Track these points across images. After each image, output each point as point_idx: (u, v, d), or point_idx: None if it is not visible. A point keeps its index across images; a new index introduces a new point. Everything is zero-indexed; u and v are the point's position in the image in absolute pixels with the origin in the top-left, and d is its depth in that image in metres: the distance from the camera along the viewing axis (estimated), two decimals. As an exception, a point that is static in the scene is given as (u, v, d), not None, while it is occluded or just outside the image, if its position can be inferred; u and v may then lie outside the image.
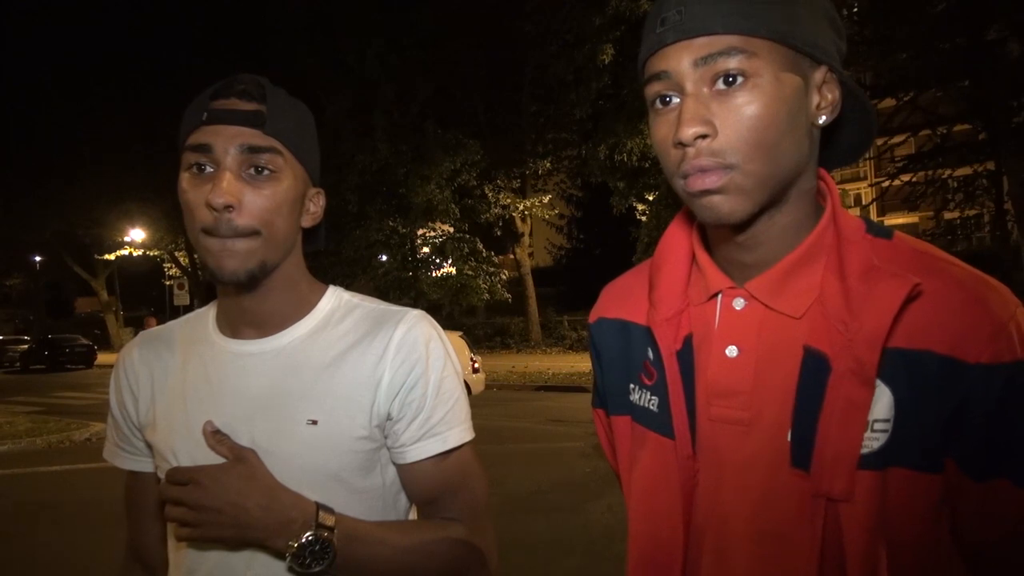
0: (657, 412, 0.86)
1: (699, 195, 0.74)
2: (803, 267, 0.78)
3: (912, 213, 29.77)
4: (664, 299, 0.86)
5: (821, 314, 0.76)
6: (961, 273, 0.74)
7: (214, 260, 0.93)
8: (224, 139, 0.93)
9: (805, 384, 0.75)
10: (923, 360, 0.71)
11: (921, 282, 0.71)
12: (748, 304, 0.81)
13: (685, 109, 0.73)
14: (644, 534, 0.87)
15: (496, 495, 5.58)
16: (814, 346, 0.75)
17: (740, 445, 0.79)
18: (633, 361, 0.91)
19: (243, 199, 0.93)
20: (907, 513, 0.72)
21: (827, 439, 0.72)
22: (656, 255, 0.90)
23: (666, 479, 0.84)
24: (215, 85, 0.97)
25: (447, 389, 1.02)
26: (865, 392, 0.71)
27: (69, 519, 5.65)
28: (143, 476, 1.10)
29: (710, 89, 0.73)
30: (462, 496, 1.03)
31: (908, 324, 0.72)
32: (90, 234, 28.73)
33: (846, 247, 0.76)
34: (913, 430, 0.71)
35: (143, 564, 1.12)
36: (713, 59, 0.72)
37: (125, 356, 1.10)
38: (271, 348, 1.02)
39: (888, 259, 0.75)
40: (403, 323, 1.02)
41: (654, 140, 0.78)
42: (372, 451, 1.00)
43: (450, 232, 22.90)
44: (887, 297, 0.71)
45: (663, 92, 0.75)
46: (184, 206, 0.95)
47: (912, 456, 0.71)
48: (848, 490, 0.71)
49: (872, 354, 0.71)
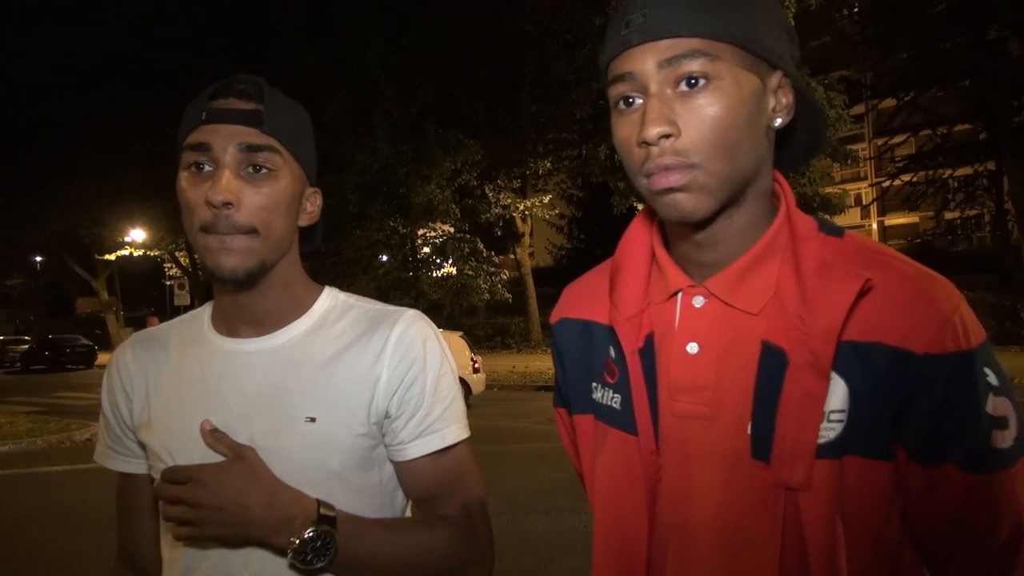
0: (620, 409, 0.88)
1: (663, 193, 0.76)
2: (760, 265, 0.81)
3: (912, 213, 29.80)
4: (625, 298, 0.88)
5: (778, 310, 0.78)
6: (909, 269, 0.77)
7: (213, 258, 0.94)
8: (223, 138, 0.93)
9: (764, 378, 0.77)
10: (875, 352, 0.74)
11: (872, 277, 0.74)
12: (707, 302, 0.83)
13: (650, 109, 0.75)
14: (609, 528, 0.88)
15: (496, 495, 5.59)
16: (772, 341, 0.78)
17: (703, 439, 0.81)
18: (595, 360, 0.93)
19: (242, 197, 0.93)
20: (862, 499, 0.75)
21: (785, 430, 0.75)
22: (616, 255, 0.92)
23: (630, 475, 0.86)
24: (214, 85, 0.98)
25: (444, 387, 1.03)
26: (821, 384, 0.74)
27: (69, 519, 5.65)
28: (135, 478, 1.10)
29: (673, 90, 0.75)
30: (459, 493, 1.04)
31: (860, 318, 0.74)
32: (90, 234, 28.76)
33: (800, 245, 0.79)
34: (867, 419, 0.74)
35: (135, 566, 1.11)
36: (677, 61, 0.74)
37: (118, 357, 1.10)
38: (269, 346, 1.02)
39: (840, 256, 0.78)
40: (400, 322, 1.03)
41: (617, 140, 0.80)
42: (370, 448, 1.00)
43: (450, 232, 22.90)
44: (840, 292, 0.74)
45: (627, 93, 0.77)
46: (183, 205, 0.96)
47: (866, 444, 0.75)
48: (806, 479, 0.74)
49: (827, 347, 0.74)
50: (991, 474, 0.74)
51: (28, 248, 32.38)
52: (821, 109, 0.87)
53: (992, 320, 16.11)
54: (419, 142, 20.85)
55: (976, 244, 29.03)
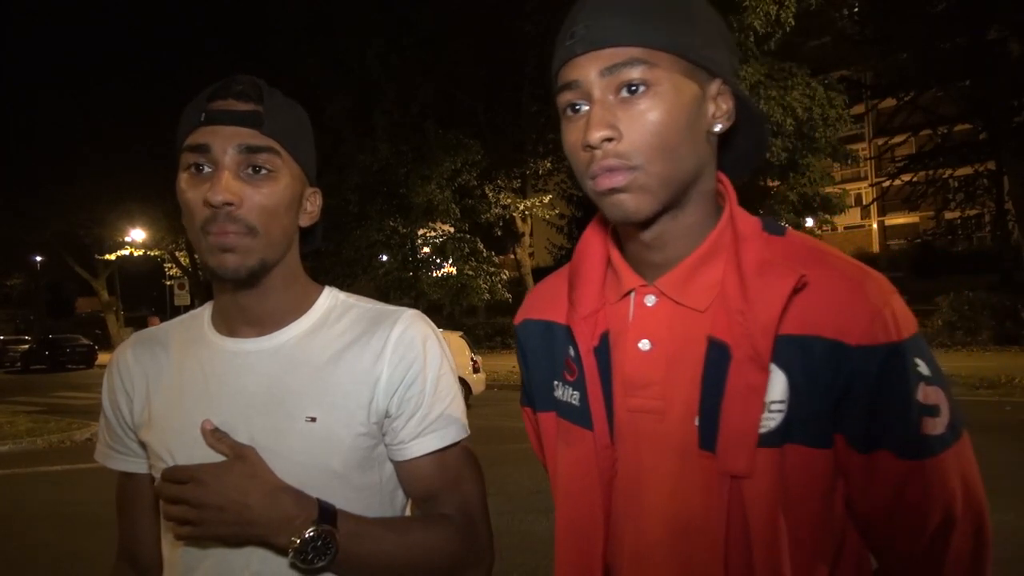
0: (578, 406, 0.92)
1: (607, 193, 0.80)
2: (705, 264, 0.85)
3: (913, 213, 29.80)
4: (582, 299, 0.92)
5: (722, 307, 0.82)
6: (844, 265, 0.82)
7: (214, 258, 0.94)
8: (222, 139, 0.94)
9: (709, 372, 0.82)
10: (812, 345, 0.78)
11: (807, 273, 0.79)
12: (658, 300, 0.87)
13: (593, 115, 0.79)
14: (568, 520, 0.92)
15: (496, 495, 5.57)
16: (716, 336, 0.82)
17: (654, 432, 0.86)
18: (556, 359, 0.96)
19: (242, 197, 0.94)
20: (804, 487, 0.79)
21: (729, 421, 0.79)
22: (574, 258, 0.96)
23: (586, 469, 0.90)
24: (212, 86, 0.98)
25: (444, 386, 1.04)
26: (761, 376, 0.78)
27: (70, 519, 5.65)
28: (136, 477, 1.10)
29: (615, 97, 0.79)
30: (459, 492, 1.04)
31: (798, 313, 0.79)
32: (91, 234, 28.76)
33: (742, 245, 0.83)
34: (806, 409, 0.79)
35: (135, 566, 1.12)
36: (618, 69, 0.78)
37: (119, 356, 1.10)
38: (269, 346, 1.02)
39: (780, 254, 0.82)
40: (400, 322, 1.03)
41: (566, 145, 0.84)
42: (370, 448, 1.01)
43: (450, 232, 22.89)
44: (777, 288, 0.78)
45: (573, 100, 0.82)
46: (183, 205, 0.96)
47: (806, 433, 0.79)
48: (749, 467, 0.78)
49: (766, 341, 0.78)
50: (923, 460, 0.78)
51: (28, 248, 32.39)
52: (763, 115, 0.91)
53: (992, 320, 16.12)
54: (419, 142, 20.85)
55: (976, 244, 29.03)
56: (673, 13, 0.80)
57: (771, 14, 16.10)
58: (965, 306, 16.39)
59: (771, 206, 18.39)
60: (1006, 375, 11.44)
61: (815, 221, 19.94)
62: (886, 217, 37.49)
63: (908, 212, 30.37)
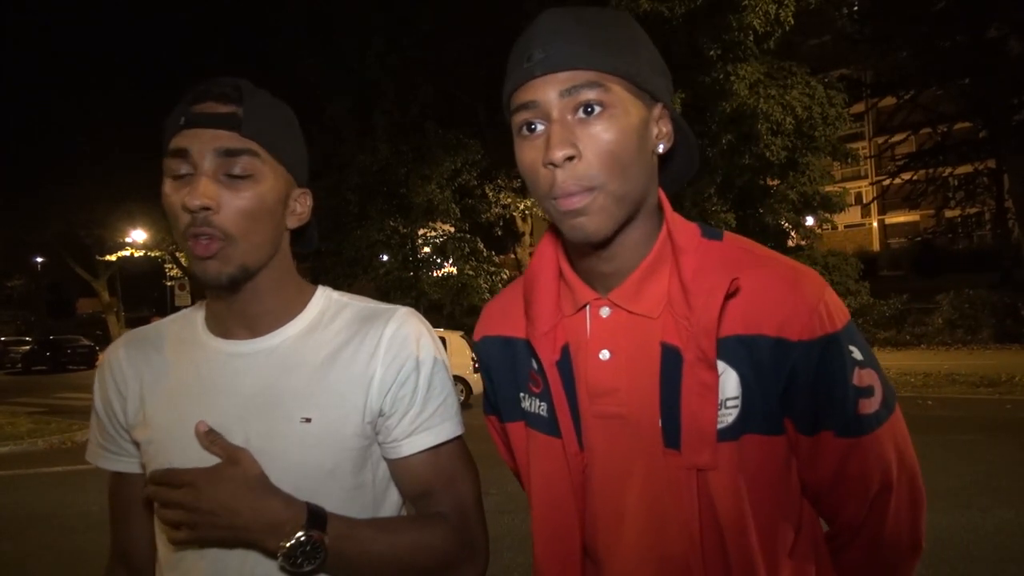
0: (546, 416, 0.96)
1: (570, 215, 0.85)
2: (652, 274, 0.91)
3: (913, 211, 29.77)
4: (539, 315, 0.96)
5: (670, 313, 0.89)
6: (779, 265, 0.89)
7: (197, 264, 0.95)
8: (200, 143, 0.93)
9: (666, 375, 0.88)
10: (757, 343, 0.85)
11: (739, 276, 0.85)
12: (612, 311, 0.93)
13: (554, 133, 0.84)
14: (544, 524, 0.97)
15: (496, 495, 5.57)
16: (668, 341, 0.88)
17: (621, 436, 0.91)
18: (520, 372, 1.01)
19: (220, 201, 0.93)
20: (763, 471, 0.88)
21: (689, 419, 0.86)
22: (527, 273, 1.01)
23: (558, 475, 0.95)
24: (194, 89, 0.97)
25: (438, 384, 1.04)
26: (711, 375, 0.85)
27: (70, 521, 5.65)
28: (128, 477, 1.09)
29: (572, 117, 0.85)
30: (453, 490, 1.04)
31: (742, 314, 0.86)
32: (91, 235, 28.73)
33: (680, 255, 0.90)
34: (758, 402, 0.86)
35: (129, 566, 1.11)
36: (576, 90, 0.84)
37: (111, 356, 1.10)
38: (263, 348, 1.02)
39: (716, 260, 0.89)
40: (393, 320, 1.04)
41: (522, 164, 0.89)
42: (364, 448, 1.01)
43: (451, 232, 22.88)
44: (713, 292, 0.85)
45: (530, 120, 0.86)
46: (168, 211, 0.96)
47: (760, 423, 0.86)
48: (712, 460, 0.85)
49: (709, 342, 0.84)
50: (861, 437, 0.87)
51: (29, 249, 32.37)
52: (694, 139, 0.99)
53: (993, 318, 16.12)
54: (419, 142, 20.84)
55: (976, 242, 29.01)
56: (621, 43, 0.87)
57: (771, 13, 16.08)
58: (965, 304, 16.39)
59: (771, 205, 18.35)
60: (1006, 373, 11.45)
61: (815, 220, 19.89)
62: (886, 215, 37.45)
63: (908, 210, 30.35)
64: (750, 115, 16.44)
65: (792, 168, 17.82)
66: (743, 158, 17.17)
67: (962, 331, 16.27)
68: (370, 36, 20.40)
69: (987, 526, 4.63)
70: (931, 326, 16.55)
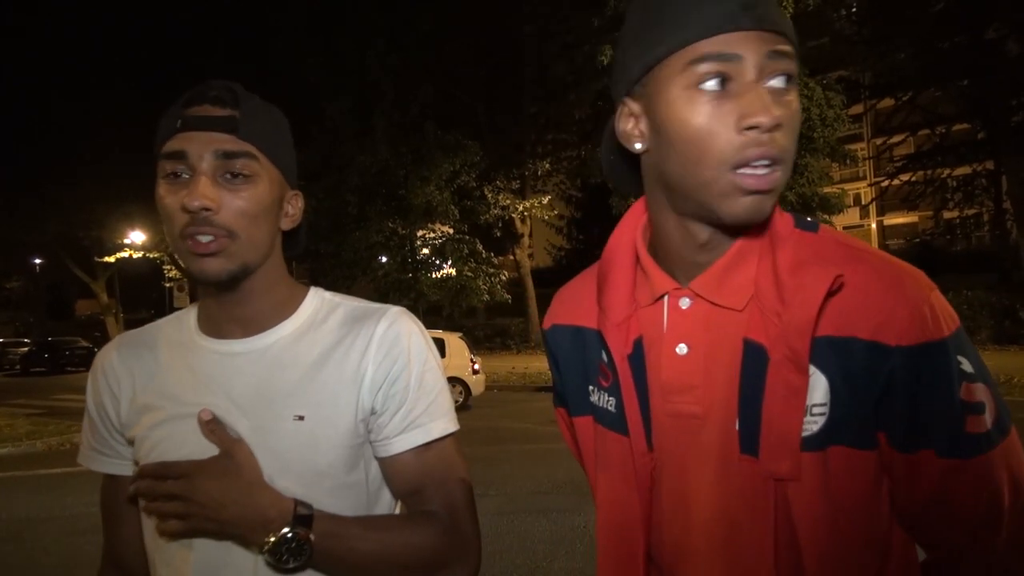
0: (615, 412, 0.91)
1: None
2: (741, 262, 0.84)
3: (911, 213, 29.79)
4: (613, 304, 0.91)
5: (758, 308, 0.81)
6: (880, 263, 0.80)
7: (195, 263, 0.95)
8: (198, 145, 0.94)
9: (747, 375, 0.81)
10: (850, 346, 0.77)
11: (843, 273, 0.77)
12: (693, 302, 0.86)
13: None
14: (609, 526, 0.92)
15: (496, 495, 5.58)
16: (752, 338, 0.81)
17: (695, 437, 0.85)
18: (590, 364, 0.96)
19: (220, 202, 0.94)
20: (850, 487, 0.79)
21: (771, 424, 0.78)
22: (602, 260, 0.95)
23: (624, 475, 0.90)
24: (188, 92, 0.98)
25: (429, 381, 1.04)
26: (801, 378, 0.77)
27: (70, 522, 5.64)
28: (120, 480, 1.09)
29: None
30: (445, 488, 1.04)
31: (836, 313, 0.78)
32: (90, 236, 28.71)
33: (778, 243, 0.82)
34: (848, 411, 0.78)
35: (121, 568, 1.12)
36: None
37: (103, 358, 1.10)
38: (257, 347, 1.03)
39: (814, 252, 0.81)
40: (384, 319, 1.05)
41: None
42: (357, 446, 1.02)
43: (450, 233, 22.87)
44: (813, 288, 0.77)
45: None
46: (162, 212, 0.97)
47: (849, 435, 0.78)
48: (794, 470, 0.78)
49: (803, 342, 0.77)
50: (967, 459, 0.76)
51: (28, 250, 32.32)
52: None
53: (991, 319, 16.12)
54: (418, 143, 20.83)
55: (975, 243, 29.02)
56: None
57: (769, 14, 16.11)
58: (964, 306, 16.39)
59: (770, 206, 18.34)
60: (1005, 374, 11.44)
61: (814, 221, 19.89)
62: (885, 217, 37.48)
63: (907, 212, 30.37)
64: (749, 116, 16.46)
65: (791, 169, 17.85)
66: (742, 159, 17.18)
67: (961, 332, 16.29)
68: (370, 37, 20.40)
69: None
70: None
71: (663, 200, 0.86)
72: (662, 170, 0.83)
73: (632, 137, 0.85)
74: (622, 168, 0.94)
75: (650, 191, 0.88)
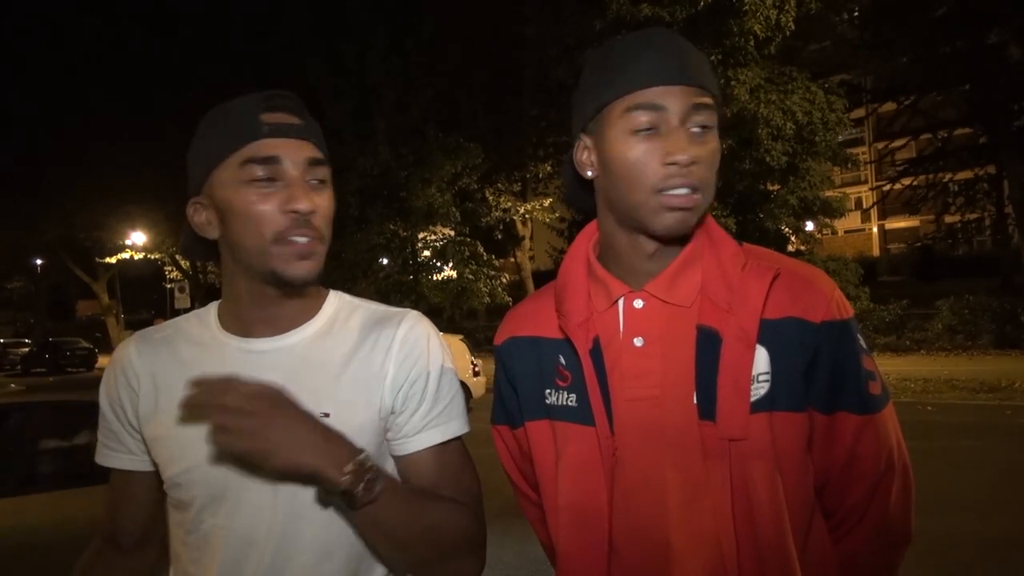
0: (576, 406, 1.02)
1: (675, 210, 0.96)
2: (688, 267, 1.01)
3: (913, 217, 29.78)
4: (573, 309, 1.04)
5: (707, 300, 0.98)
6: (797, 264, 1.02)
7: (288, 266, 0.98)
8: (290, 152, 0.99)
9: (702, 355, 0.96)
10: (786, 324, 0.96)
11: (778, 269, 0.98)
12: (647, 302, 1.01)
13: (680, 138, 0.95)
14: (572, 509, 1.01)
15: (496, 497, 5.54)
16: (706, 324, 0.97)
17: (655, 415, 0.97)
18: (545, 370, 1.07)
19: (316, 207, 0.99)
20: (790, 447, 0.95)
21: (725, 393, 0.94)
22: (559, 278, 1.09)
23: (589, 460, 1.00)
24: (254, 96, 1.01)
25: (446, 384, 1.09)
26: (749, 353, 0.94)
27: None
28: (130, 475, 1.11)
29: (685, 127, 0.97)
30: (460, 485, 1.07)
31: (772, 301, 0.96)
32: (91, 237, 28.75)
33: (720, 244, 1.01)
34: (786, 379, 0.95)
35: (115, 544, 1.14)
36: (698, 109, 0.96)
37: (122, 353, 1.11)
38: (283, 346, 1.06)
39: (752, 257, 1.01)
40: (405, 321, 1.09)
41: (629, 158, 0.97)
42: (377, 444, 1.04)
43: (451, 235, 22.89)
44: (760, 281, 0.97)
45: (650, 123, 0.96)
46: (249, 216, 0.98)
47: (787, 400, 0.95)
48: (745, 430, 0.93)
49: (753, 324, 0.95)
50: (872, 415, 0.98)
51: (29, 251, 32.43)
52: None
53: (992, 324, 16.10)
54: (420, 145, 20.87)
55: (976, 248, 29.04)
56: None
57: (771, 18, 16.09)
58: (965, 310, 16.38)
59: (771, 210, 18.32)
60: (1006, 379, 11.43)
61: (815, 225, 19.87)
62: (886, 221, 37.50)
63: (908, 216, 30.35)
64: (751, 120, 16.45)
65: (792, 173, 17.82)
66: (743, 163, 17.18)
67: (962, 337, 16.24)
68: (371, 39, 20.45)
69: (988, 533, 4.63)
70: (931, 331, 16.52)
71: (612, 218, 1.02)
72: (608, 194, 1.01)
73: (586, 166, 1.03)
74: (580, 191, 1.10)
75: (601, 210, 1.05)
